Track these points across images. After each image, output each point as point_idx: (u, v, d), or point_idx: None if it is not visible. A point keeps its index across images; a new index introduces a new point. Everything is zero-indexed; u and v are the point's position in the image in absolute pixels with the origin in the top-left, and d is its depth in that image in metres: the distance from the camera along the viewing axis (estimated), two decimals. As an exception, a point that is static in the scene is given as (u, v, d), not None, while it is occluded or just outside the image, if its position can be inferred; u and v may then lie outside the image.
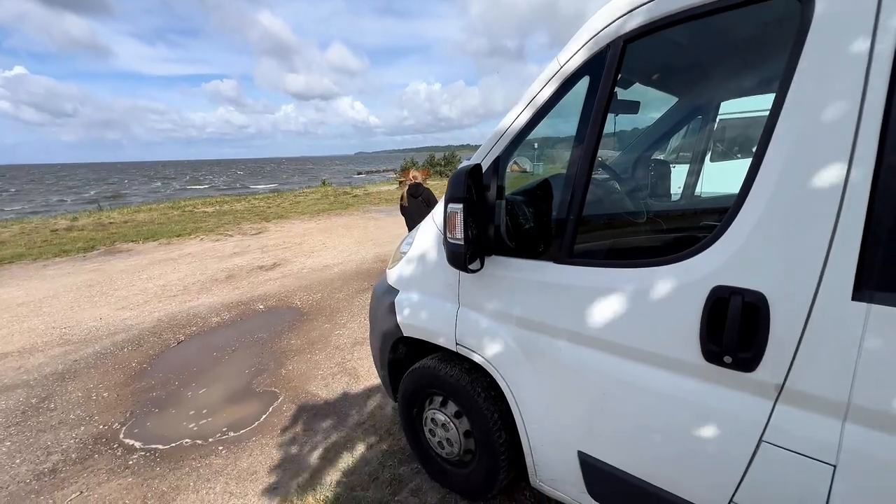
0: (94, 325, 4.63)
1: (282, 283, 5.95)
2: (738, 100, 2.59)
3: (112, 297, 5.61)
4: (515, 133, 1.47)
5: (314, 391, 3.18)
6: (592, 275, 1.30)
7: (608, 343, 1.30)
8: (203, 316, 4.77)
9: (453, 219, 1.35)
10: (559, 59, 1.36)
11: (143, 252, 8.28)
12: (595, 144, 1.29)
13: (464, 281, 1.69)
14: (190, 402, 3.11)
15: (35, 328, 4.62)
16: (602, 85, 1.25)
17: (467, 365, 1.84)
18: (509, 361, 1.57)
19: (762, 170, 1.00)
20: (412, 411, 2.10)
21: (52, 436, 2.76)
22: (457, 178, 1.35)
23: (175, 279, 6.32)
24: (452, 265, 1.44)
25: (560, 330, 1.40)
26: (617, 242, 1.62)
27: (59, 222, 11.89)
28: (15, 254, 8.18)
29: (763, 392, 1.04)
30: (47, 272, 7.02)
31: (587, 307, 1.32)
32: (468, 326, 1.69)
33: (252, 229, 10.35)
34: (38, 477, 2.39)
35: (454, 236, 1.36)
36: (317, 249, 7.96)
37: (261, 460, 2.45)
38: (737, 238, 1.04)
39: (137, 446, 2.64)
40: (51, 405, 3.12)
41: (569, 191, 1.33)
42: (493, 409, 1.73)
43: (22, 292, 5.94)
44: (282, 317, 4.71)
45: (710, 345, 1.07)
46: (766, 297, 0.99)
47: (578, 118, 1.33)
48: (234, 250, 8.13)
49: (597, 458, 1.39)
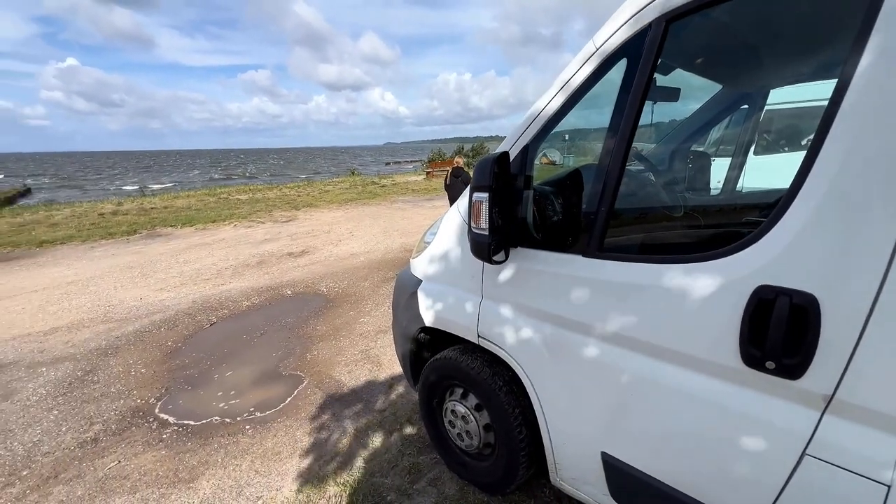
0: (134, 305, 4.88)
1: (309, 269, 6.08)
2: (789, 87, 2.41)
3: (151, 278, 5.89)
4: (546, 120, 1.40)
5: (338, 377, 3.24)
6: (624, 270, 1.24)
7: (638, 342, 1.23)
8: (234, 299, 4.94)
9: (478, 208, 1.31)
10: (595, 40, 1.28)
11: (180, 236, 8.65)
12: (631, 133, 1.21)
13: (487, 272, 1.65)
14: (220, 382, 3.23)
15: (82, 305, 4.91)
16: (641, 68, 1.17)
17: (489, 357, 1.81)
18: (532, 356, 1.52)
19: (819, 162, 0.91)
20: (432, 401, 2.09)
21: (94, 407, 2.93)
22: (482, 166, 1.30)
23: (209, 263, 6.57)
24: (476, 256, 1.41)
25: (587, 326, 1.35)
26: (651, 237, 1.53)
27: (105, 207, 12.59)
28: (66, 235, 8.73)
29: (809, 402, 0.96)
30: (94, 253, 7.44)
31: (617, 303, 1.26)
32: (491, 319, 1.66)
33: (283, 217, 10.62)
34: (82, 445, 2.55)
35: (479, 226, 1.32)
36: (344, 238, 8.09)
37: (285, 441, 2.52)
38: (786, 235, 0.96)
39: (171, 421, 2.77)
40: (94, 378, 3.31)
41: (601, 181, 1.27)
42: (515, 403, 1.70)
43: (72, 271, 6.33)
44: (308, 303, 4.82)
45: (751, 348, 1.00)
46: (817, 300, 0.90)
47: (614, 105, 1.26)
48: (266, 237, 8.37)
49: (621, 461, 1.34)
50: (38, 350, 3.82)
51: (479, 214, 1.31)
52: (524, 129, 1.46)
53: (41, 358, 3.67)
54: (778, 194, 0.99)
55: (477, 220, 1.32)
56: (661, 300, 1.16)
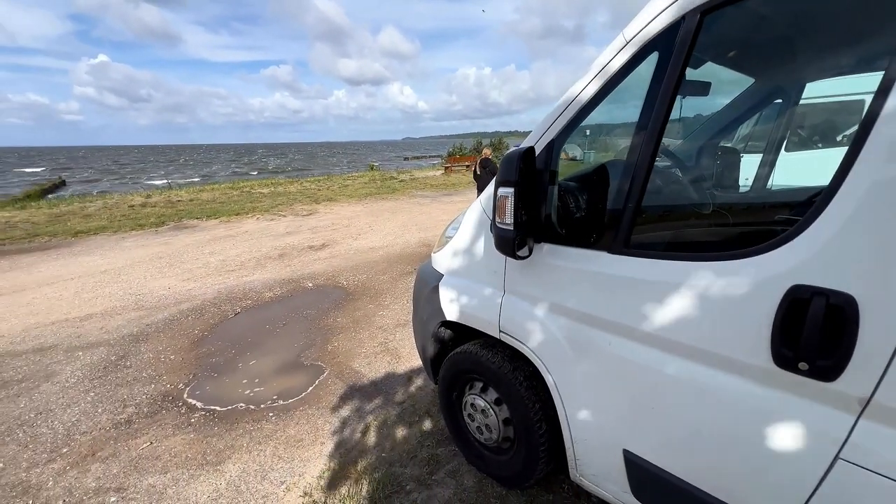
0: (163, 294, 5.06)
1: (330, 262, 6.18)
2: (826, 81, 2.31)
3: (179, 268, 6.09)
4: (572, 115, 1.39)
5: (357, 368, 3.29)
6: (650, 267, 1.22)
7: (664, 340, 1.22)
8: (258, 290, 5.06)
9: (503, 203, 1.31)
10: (625, 33, 1.26)
11: (206, 228, 8.90)
12: (661, 128, 1.19)
13: (510, 268, 1.65)
14: (244, 370, 3.33)
15: (115, 293, 5.12)
16: (673, 62, 1.15)
17: (509, 352, 1.81)
18: (554, 352, 1.52)
19: (862, 157, 0.88)
20: (452, 395, 2.11)
21: (127, 390, 3.07)
22: (508, 161, 1.30)
23: (234, 255, 6.74)
24: (500, 251, 1.41)
25: (611, 323, 1.34)
26: (679, 234, 1.51)
27: (135, 199, 13.03)
28: (99, 226, 9.09)
29: (844, 405, 0.94)
30: (125, 244, 7.74)
31: (642, 301, 1.24)
32: (513, 314, 1.66)
33: (303, 210, 10.80)
34: (116, 426, 2.68)
35: (503, 221, 1.33)
36: (363, 232, 8.18)
37: (306, 429, 2.59)
38: (823, 234, 0.93)
39: (199, 406, 2.88)
40: (127, 363, 3.46)
41: (628, 177, 1.25)
42: (535, 398, 1.70)
43: (105, 261, 6.60)
44: (329, 295, 4.90)
45: (784, 349, 0.98)
46: (856, 301, 0.88)
47: (643, 98, 1.24)
48: (287, 230, 8.54)
49: (644, 459, 1.33)
50: (76, 335, 4.01)
51: (504, 209, 1.32)
52: (550, 124, 1.45)
53: (78, 343, 3.85)
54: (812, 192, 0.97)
55: (502, 215, 1.33)
56: (690, 298, 1.14)
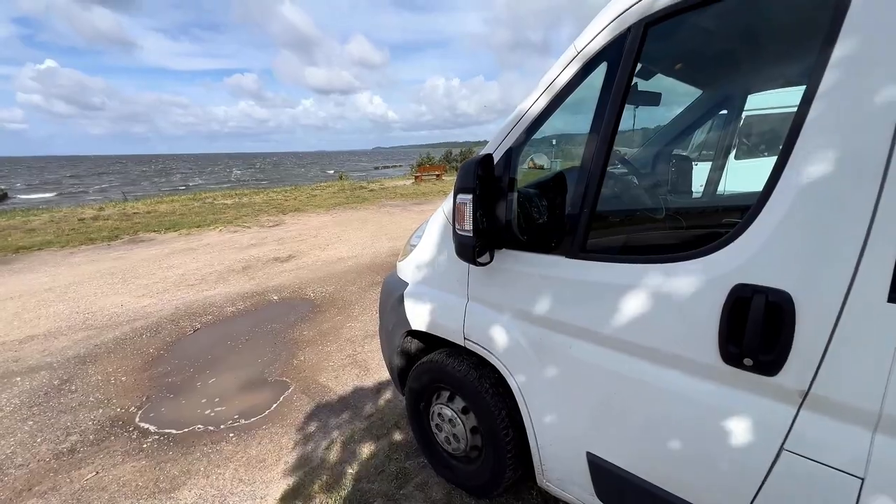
0: (115, 312, 4.76)
1: (296, 274, 6.01)
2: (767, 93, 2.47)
3: (133, 284, 5.76)
4: (529, 123, 1.42)
5: (324, 382, 3.20)
6: (605, 270, 1.25)
7: (620, 341, 1.25)
8: (219, 305, 4.85)
9: (462, 210, 1.32)
10: (576, 44, 1.30)
11: (164, 242, 8.48)
12: (611, 135, 1.23)
13: (473, 275, 1.65)
14: (203, 389, 3.16)
15: (60, 313, 4.78)
16: (621, 72, 1.20)
17: (475, 360, 1.81)
18: (518, 358, 1.53)
19: (790, 163, 0.94)
20: (419, 405, 2.08)
21: (71, 417, 2.85)
22: (466, 169, 1.31)
23: (193, 269, 6.45)
24: (461, 258, 1.41)
25: (570, 326, 1.36)
26: (632, 238, 1.56)
27: (85, 212, 12.27)
28: (44, 241, 8.48)
29: (786, 397, 0.98)
30: (73, 259, 7.25)
31: (598, 303, 1.27)
32: (476, 321, 1.66)
33: (269, 221, 10.50)
34: (58, 456, 2.47)
35: (463, 228, 1.33)
36: (332, 242, 8.03)
37: (270, 448, 2.47)
38: (761, 235, 0.98)
39: (152, 430, 2.70)
40: (72, 387, 3.21)
41: (583, 184, 1.28)
42: (501, 405, 1.70)
43: (49, 278, 6.15)
44: (295, 308, 4.76)
45: (730, 346, 1.02)
46: (791, 297, 0.93)
47: (595, 108, 1.28)
48: (252, 242, 8.26)
49: (606, 460, 1.35)
50: (13, 359, 3.69)
51: (463, 216, 1.32)
52: (507, 132, 1.47)
53: (15, 367, 3.54)
54: (755, 196, 1.02)
55: (461, 222, 1.33)
56: (643, 300, 1.17)
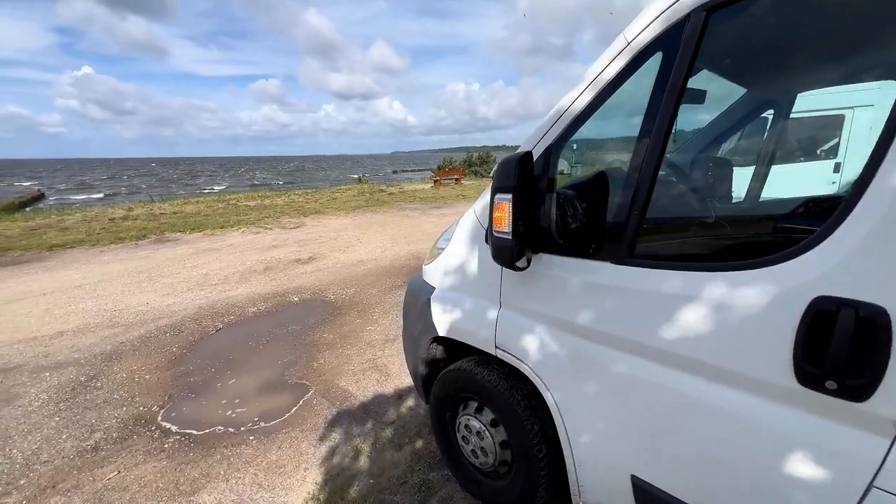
0: (141, 310, 4.84)
1: (316, 276, 6.02)
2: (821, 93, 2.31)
3: (159, 283, 5.87)
4: (572, 119, 1.33)
5: (344, 386, 3.15)
6: (658, 278, 1.15)
7: (673, 356, 1.14)
8: (241, 305, 4.88)
9: (500, 210, 1.23)
10: (626, 33, 1.21)
11: (189, 242, 8.66)
12: (665, 135, 1.13)
13: (506, 280, 1.56)
14: (224, 390, 3.15)
15: (89, 310, 4.89)
16: (677, 65, 1.10)
17: (506, 370, 1.71)
18: (555, 370, 1.43)
19: (886, 164, 0.82)
20: (445, 415, 1.99)
21: (96, 414, 2.87)
22: (506, 167, 1.23)
23: (217, 269, 6.54)
24: (497, 261, 1.32)
25: (615, 338, 1.26)
26: (689, 243, 1.44)
27: (116, 212, 12.69)
28: (76, 239, 8.78)
29: (877, 427, 0.86)
30: (103, 257, 7.46)
31: (649, 314, 1.16)
32: (510, 329, 1.57)
33: (290, 223, 10.62)
34: (81, 454, 2.48)
35: (501, 230, 1.24)
36: (352, 245, 8.04)
37: (289, 454, 2.43)
38: (849, 241, 0.87)
39: (173, 430, 2.69)
40: (97, 384, 3.25)
41: (632, 185, 1.19)
42: (534, 419, 1.60)
43: (79, 275, 6.33)
44: (315, 310, 4.74)
45: (808, 366, 0.90)
46: (888, 314, 0.81)
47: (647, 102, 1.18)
48: (273, 243, 8.35)
49: (654, 486, 1.24)
50: (43, 354, 3.77)
51: (501, 217, 1.23)
52: (548, 129, 1.38)
53: (45, 362, 3.62)
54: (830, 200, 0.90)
55: (499, 224, 1.24)
56: (702, 311, 1.06)
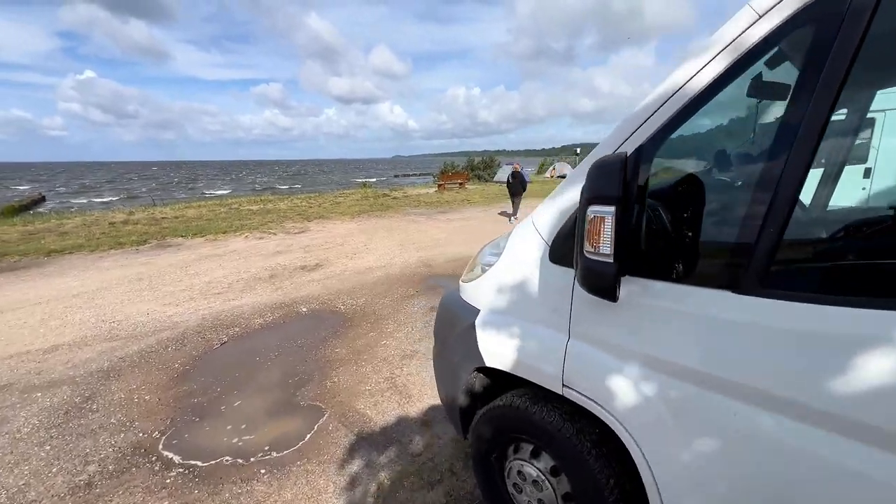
0: (141, 321, 4.58)
1: (324, 284, 5.77)
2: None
3: (160, 291, 5.61)
4: (677, 110, 1.07)
5: (362, 409, 2.88)
6: (803, 313, 0.89)
7: (825, 415, 0.88)
8: (246, 316, 4.62)
9: (598, 226, 0.98)
10: (753, 4, 0.96)
11: (191, 247, 8.41)
12: (819, 131, 0.88)
13: (578, 306, 1.31)
14: (231, 413, 2.89)
15: (86, 320, 4.63)
16: (840, 39, 0.85)
17: (569, 408, 1.45)
18: (649, 420, 1.17)
19: None
20: (490, 457, 1.73)
21: (91, 442, 2.60)
22: (606, 171, 0.97)
23: (220, 276, 6.29)
24: (588, 289, 1.06)
25: (740, 386, 1.00)
26: (848, 269, 1.17)
27: (116, 216, 12.44)
28: (75, 244, 8.52)
29: None
30: (103, 264, 7.21)
31: (793, 359, 0.91)
32: (583, 365, 1.31)
33: (294, 228, 10.38)
34: (73, 491, 2.21)
35: (596, 251, 0.99)
36: (359, 251, 7.78)
37: (306, 492, 2.16)
38: None
39: (176, 461, 2.43)
40: (93, 406, 2.99)
41: (765, 193, 0.93)
42: (609, 471, 1.33)
43: (77, 283, 6.08)
44: (325, 322, 4.48)
45: None
46: None
47: (791, 88, 0.93)
48: (277, 249, 8.10)
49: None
50: (36, 371, 3.51)
51: (597, 235, 0.98)
52: (640, 124, 1.13)
53: (37, 381, 3.35)
54: None
55: (595, 242, 0.99)
56: (875, 361, 0.81)
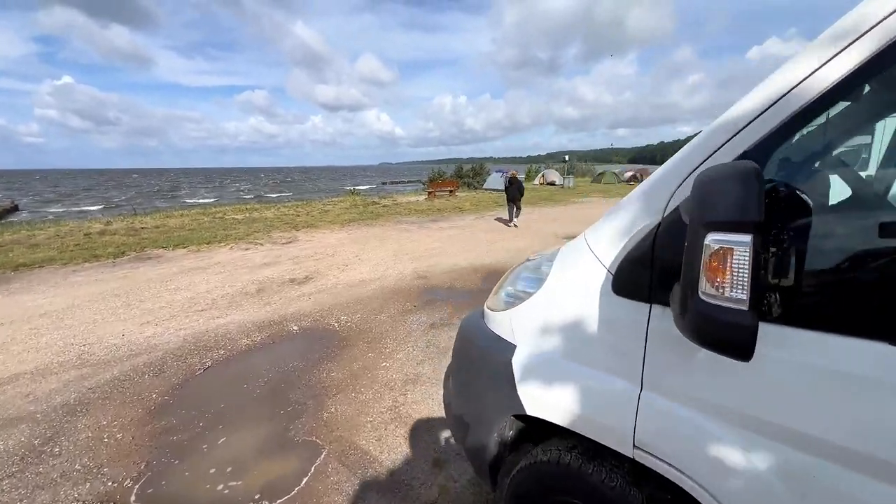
0: (115, 343, 4.18)
1: (316, 299, 5.43)
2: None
3: (137, 309, 5.20)
4: (797, 110, 0.84)
5: (364, 446, 2.58)
6: None
7: None
8: (232, 337, 4.27)
9: (722, 261, 0.72)
10: None
11: (172, 259, 7.96)
12: None
13: (654, 350, 1.05)
14: (215, 453, 2.55)
15: (53, 344, 4.21)
16: None
17: (630, 467, 1.20)
18: (758, 496, 0.92)
19: None
20: (529, 520, 1.46)
21: (49, 496, 2.24)
22: (733, 186, 0.72)
23: (203, 291, 5.89)
24: (703, 341, 0.80)
25: (886, 463, 0.76)
26: None
27: (93, 226, 11.84)
28: (46, 257, 7.99)
29: None
30: (76, 278, 6.73)
31: None
32: (664, 425, 1.05)
33: (282, 238, 9.98)
34: (24, 562, 1.86)
35: (722, 293, 0.73)
36: (351, 262, 7.46)
37: (306, 555, 1.85)
38: None
39: (151, 517, 2.09)
40: (55, 449, 2.61)
41: None
42: (688, 552, 1.08)
43: (46, 300, 5.61)
44: (318, 341, 4.16)
45: None
46: None
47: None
48: (265, 260, 7.72)
49: None
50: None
51: (724, 272, 0.72)
52: (750, 121, 0.89)
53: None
54: None
55: (720, 283, 0.73)
56: None
